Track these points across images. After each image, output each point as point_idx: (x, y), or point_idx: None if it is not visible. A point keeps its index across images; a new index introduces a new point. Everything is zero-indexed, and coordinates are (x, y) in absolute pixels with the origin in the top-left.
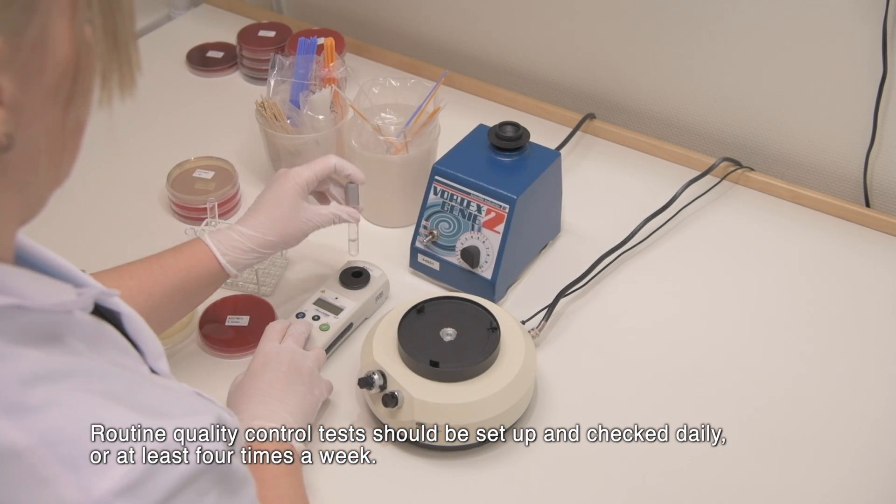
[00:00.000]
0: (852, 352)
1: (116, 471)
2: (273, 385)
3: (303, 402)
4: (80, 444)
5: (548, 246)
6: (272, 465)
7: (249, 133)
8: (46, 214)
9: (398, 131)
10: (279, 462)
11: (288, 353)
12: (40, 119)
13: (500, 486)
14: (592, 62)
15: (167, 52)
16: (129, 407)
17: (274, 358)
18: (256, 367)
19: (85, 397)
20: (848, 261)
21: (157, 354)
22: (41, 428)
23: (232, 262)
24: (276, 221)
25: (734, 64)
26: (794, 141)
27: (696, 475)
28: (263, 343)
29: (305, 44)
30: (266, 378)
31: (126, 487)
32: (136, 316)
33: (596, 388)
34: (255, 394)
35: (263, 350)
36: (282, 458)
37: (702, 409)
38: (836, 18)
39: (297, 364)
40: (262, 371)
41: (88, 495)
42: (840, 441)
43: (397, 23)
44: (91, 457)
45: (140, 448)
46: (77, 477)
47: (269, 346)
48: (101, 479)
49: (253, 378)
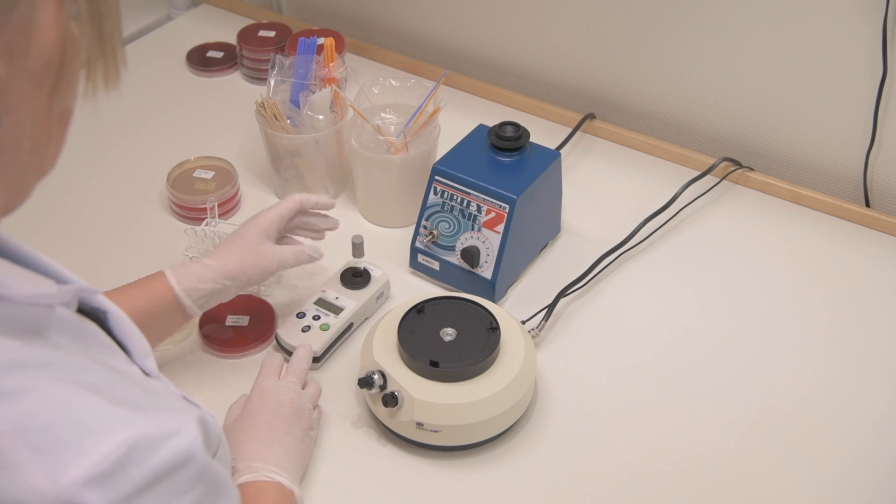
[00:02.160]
0: (852, 351)
1: (87, 460)
2: (273, 427)
3: (301, 445)
4: (52, 433)
5: (548, 246)
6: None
7: (249, 133)
8: (46, 214)
9: (398, 131)
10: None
11: (288, 392)
12: (26, 103)
13: (500, 486)
14: (592, 62)
15: (167, 52)
16: (106, 398)
17: (273, 397)
18: (255, 405)
19: (61, 386)
20: (848, 261)
21: (145, 353)
22: (13, 414)
23: (189, 294)
24: (236, 254)
25: (734, 64)
26: (794, 141)
27: (697, 475)
28: (262, 379)
29: (305, 44)
30: (265, 418)
31: (96, 477)
32: (122, 314)
33: (596, 388)
34: (256, 435)
35: (262, 387)
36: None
37: (702, 409)
38: (836, 18)
39: (297, 405)
40: (260, 410)
41: (56, 483)
42: (840, 440)
43: (397, 23)
44: (62, 445)
45: (113, 439)
46: (46, 464)
47: (268, 382)
48: (71, 468)
49: (252, 417)
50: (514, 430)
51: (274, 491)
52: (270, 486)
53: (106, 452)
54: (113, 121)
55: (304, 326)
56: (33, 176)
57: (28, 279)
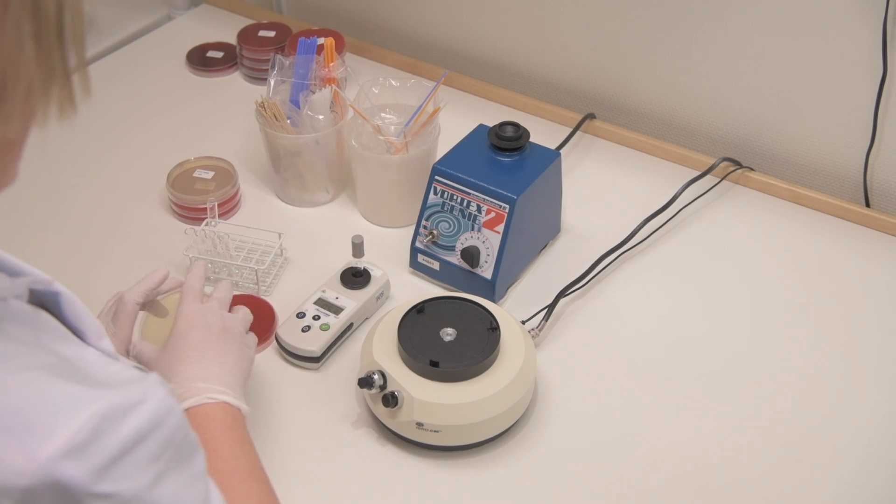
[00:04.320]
0: (852, 352)
1: (61, 435)
2: (206, 346)
3: (240, 361)
4: (23, 415)
5: (548, 246)
6: (224, 433)
7: (249, 133)
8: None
9: (398, 131)
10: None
11: (215, 314)
12: None
13: (500, 486)
14: (592, 62)
15: (167, 52)
16: (69, 379)
17: (200, 319)
18: (182, 329)
19: (25, 374)
20: (848, 261)
21: (99, 334)
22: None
23: None
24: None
25: (734, 64)
26: (794, 141)
27: (697, 475)
28: (184, 305)
29: (305, 44)
30: (196, 338)
31: (71, 450)
32: (73, 297)
33: (596, 388)
34: (189, 355)
35: (185, 311)
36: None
37: (701, 409)
38: (836, 18)
39: (227, 325)
40: (188, 332)
41: (34, 459)
42: (840, 441)
43: (397, 23)
44: (34, 425)
45: (84, 413)
46: (22, 443)
47: (192, 307)
48: (46, 444)
49: (181, 340)
50: (514, 430)
51: (221, 414)
52: (216, 408)
53: (78, 426)
54: (113, 121)
55: (304, 326)
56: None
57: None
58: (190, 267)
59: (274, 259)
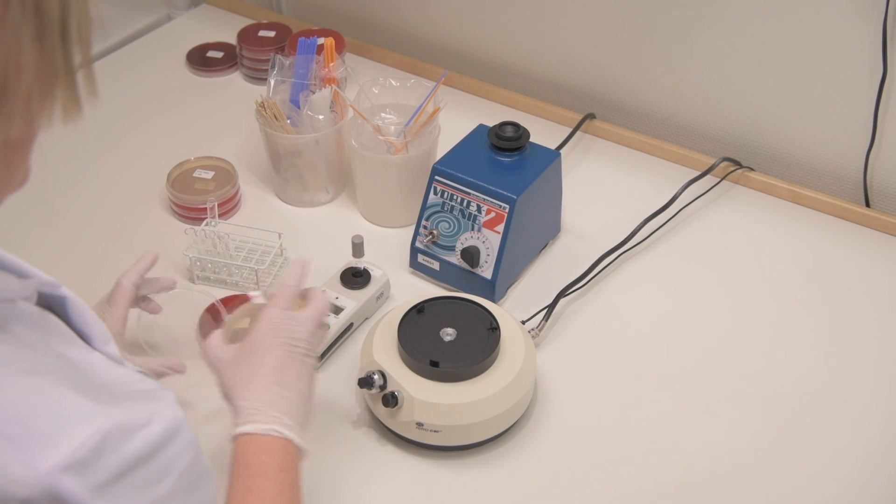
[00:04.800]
0: (852, 351)
1: (63, 448)
2: (286, 368)
3: (311, 387)
4: (27, 424)
5: (548, 246)
6: (276, 473)
7: (249, 133)
8: (47, 214)
9: (398, 131)
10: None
11: (304, 331)
12: None
13: (500, 486)
14: (592, 62)
15: (167, 52)
16: (76, 390)
17: (287, 336)
18: (264, 340)
19: (31, 379)
20: (848, 261)
21: (105, 339)
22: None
23: None
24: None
25: (734, 64)
26: (794, 141)
27: (696, 474)
28: (274, 309)
29: (305, 44)
30: (277, 356)
31: (73, 464)
32: (80, 301)
33: (596, 388)
34: (266, 375)
35: (274, 319)
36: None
37: (701, 408)
38: (836, 18)
39: (312, 347)
40: (270, 348)
41: (34, 470)
42: (840, 440)
43: (397, 23)
44: (38, 435)
45: (87, 429)
46: (24, 454)
47: (281, 316)
48: (48, 456)
49: (260, 354)
50: (514, 430)
51: (280, 451)
52: (277, 443)
53: (82, 441)
54: (113, 121)
55: None
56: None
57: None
58: (290, 264)
59: (274, 259)
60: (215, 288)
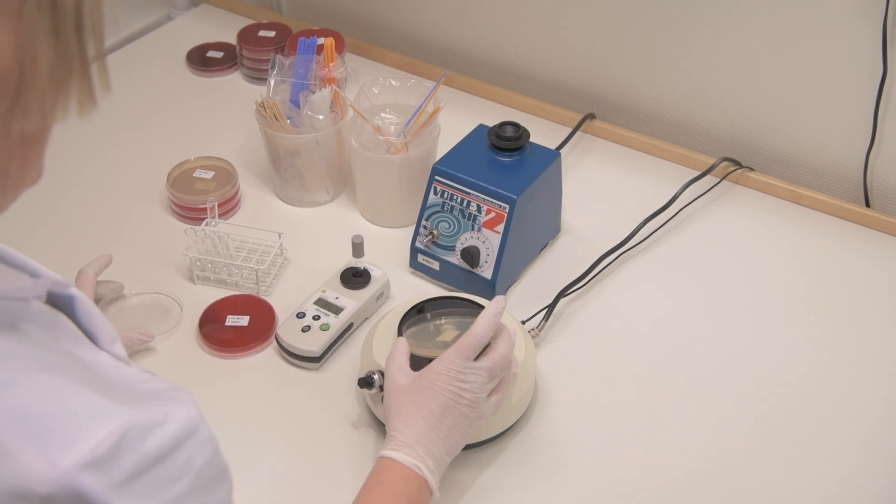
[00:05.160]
0: (852, 352)
1: (83, 446)
2: (445, 416)
3: (462, 439)
4: (47, 422)
5: (548, 246)
6: (400, 501)
7: (249, 133)
8: (47, 214)
9: (398, 131)
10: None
11: (474, 385)
12: None
13: (501, 485)
14: (592, 62)
15: (167, 52)
16: (92, 388)
17: (456, 385)
18: (437, 386)
19: (48, 377)
20: (848, 261)
21: (112, 339)
22: (7, 404)
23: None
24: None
25: (734, 64)
26: (794, 141)
27: (696, 474)
28: (455, 355)
29: (305, 44)
30: (440, 403)
31: (92, 462)
32: (88, 301)
33: (596, 388)
34: (425, 415)
35: (450, 365)
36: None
37: (701, 408)
38: (836, 18)
39: (476, 400)
40: (438, 393)
41: (55, 467)
42: (840, 441)
43: (397, 23)
44: (57, 433)
45: (106, 427)
46: (44, 451)
47: (458, 363)
48: (68, 453)
49: (427, 394)
50: (514, 430)
51: (415, 485)
52: (416, 479)
53: (100, 439)
54: (113, 121)
55: (304, 326)
56: (1, 195)
57: (2, 273)
58: (490, 305)
59: (274, 259)
60: (215, 288)
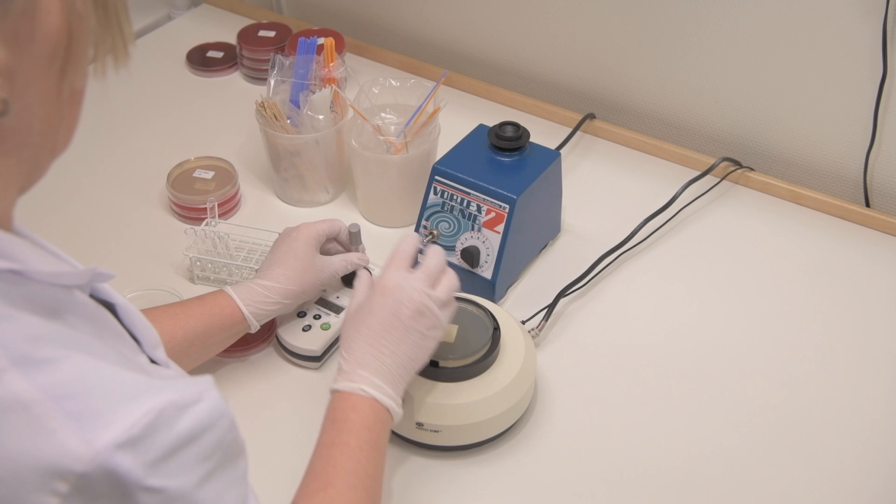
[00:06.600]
0: (852, 352)
1: (119, 425)
2: (388, 331)
3: (415, 352)
4: (85, 400)
5: (548, 246)
6: (360, 431)
7: (249, 133)
8: (47, 214)
9: (398, 131)
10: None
11: (413, 293)
12: (35, 87)
13: (501, 486)
14: (592, 62)
15: (167, 52)
16: (129, 369)
17: (395, 297)
18: (376, 302)
19: (88, 359)
20: (848, 261)
21: (154, 344)
22: (48, 382)
23: (255, 314)
24: (295, 272)
25: (734, 64)
26: (794, 141)
27: (696, 474)
28: (390, 270)
29: (305, 44)
30: (381, 319)
31: (127, 441)
32: (130, 306)
33: (596, 388)
34: (366, 336)
35: (386, 279)
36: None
37: (701, 409)
38: (836, 18)
39: (421, 309)
40: (379, 309)
41: (91, 446)
42: (840, 440)
43: (397, 23)
44: (95, 412)
45: (142, 406)
46: (81, 429)
47: (395, 276)
48: (104, 433)
49: (369, 314)
50: (514, 430)
51: (366, 409)
52: (364, 402)
53: (136, 419)
54: (113, 121)
55: (304, 326)
56: (47, 156)
57: (46, 258)
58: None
59: None
60: (215, 288)
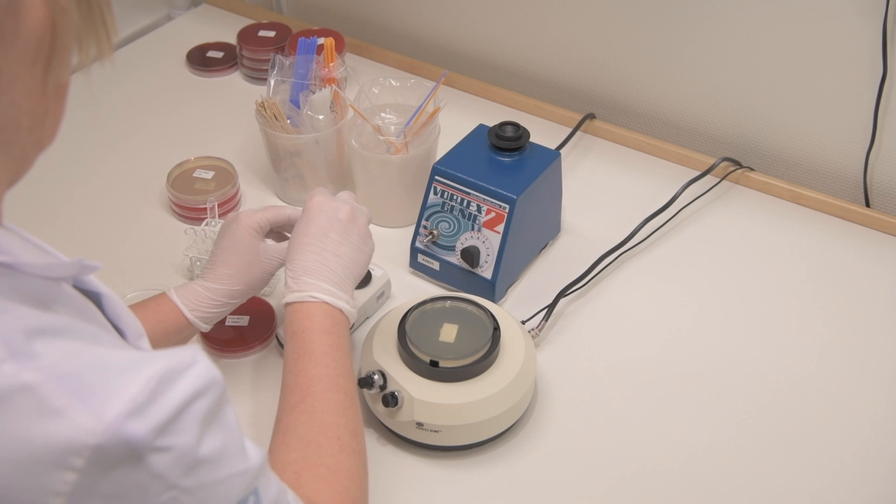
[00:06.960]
0: (852, 351)
1: (124, 396)
2: (328, 233)
3: (357, 255)
4: (85, 379)
5: (548, 246)
6: (320, 336)
7: (249, 133)
8: (46, 214)
9: (398, 131)
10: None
11: (345, 202)
12: (20, 82)
13: (500, 486)
14: (592, 62)
15: (167, 52)
16: (121, 347)
17: (329, 204)
18: (311, 213)
19: (84, 343)
20: (848, 261)
21: (139, 334)
22: (47, 364)
23: (201, 318)
24: (239, 271)
25: (734, 64)
26: (794, 141)
27: (696, 474)
28: (314, 196)
29: (305, 44)
30: (320, 224)
31: (135, 409)
32: (115, 296)
33: (596, 388)
34: (308, 242)
35: (315, 200)
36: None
37: (701, 409)
38: (836, 18)
39: (355, 214)
40: (316, 216)
41: (101, 419)
42: (840, 440)
43: (397, 23)
44: (97, 387)
45: (142, 375)
46: (88, 405)
47: (321, 197)
48: (111, 405)
49: (305, 225)
50: (514, 430)
51: (320, 315)
52: (317, 308)
53: (139, 387)
54: (113, 121)
55: None
56: (33, 150)
57: (35, 251)
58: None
59: None
60: None
